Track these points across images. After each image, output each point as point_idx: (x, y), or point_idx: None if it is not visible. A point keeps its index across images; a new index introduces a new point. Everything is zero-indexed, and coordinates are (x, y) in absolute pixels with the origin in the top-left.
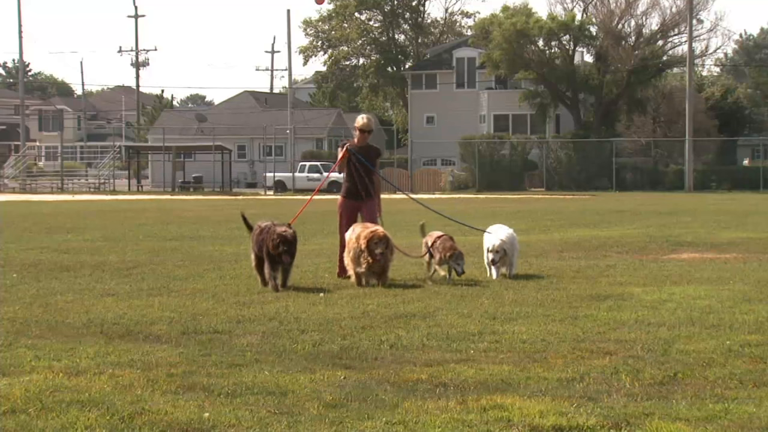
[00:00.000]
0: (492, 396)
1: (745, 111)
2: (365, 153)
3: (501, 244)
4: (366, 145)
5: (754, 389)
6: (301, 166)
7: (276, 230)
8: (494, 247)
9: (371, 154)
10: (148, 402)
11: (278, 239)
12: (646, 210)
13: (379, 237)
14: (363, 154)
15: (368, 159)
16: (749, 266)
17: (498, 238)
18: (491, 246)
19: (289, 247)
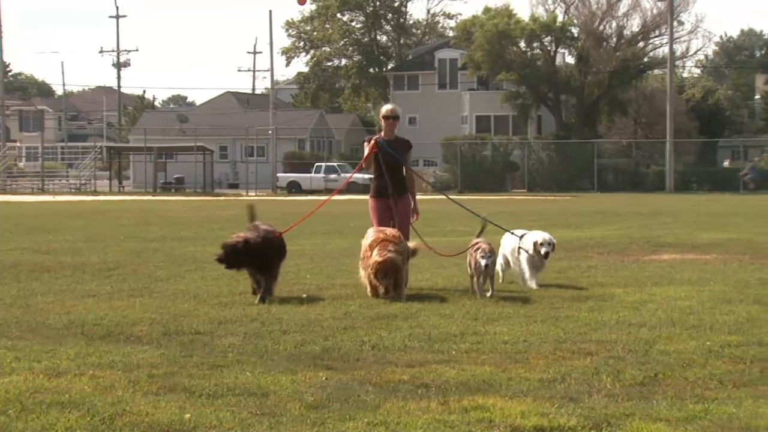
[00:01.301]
0: (473, 397)
1: (725, 112)
2: (394, 146)
3: (551, 238)
4: (395, 138)
5: (734, 390)
6: (317, 166)
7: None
8: (546, 239)
9: (401, 147)
10: (129, 403)
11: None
12: (627, 211)
13: (386, 268)
14: (392, 147)
15: (398, 152)
16: (729, 267)
17: (544, 233)
18: (542, 239)
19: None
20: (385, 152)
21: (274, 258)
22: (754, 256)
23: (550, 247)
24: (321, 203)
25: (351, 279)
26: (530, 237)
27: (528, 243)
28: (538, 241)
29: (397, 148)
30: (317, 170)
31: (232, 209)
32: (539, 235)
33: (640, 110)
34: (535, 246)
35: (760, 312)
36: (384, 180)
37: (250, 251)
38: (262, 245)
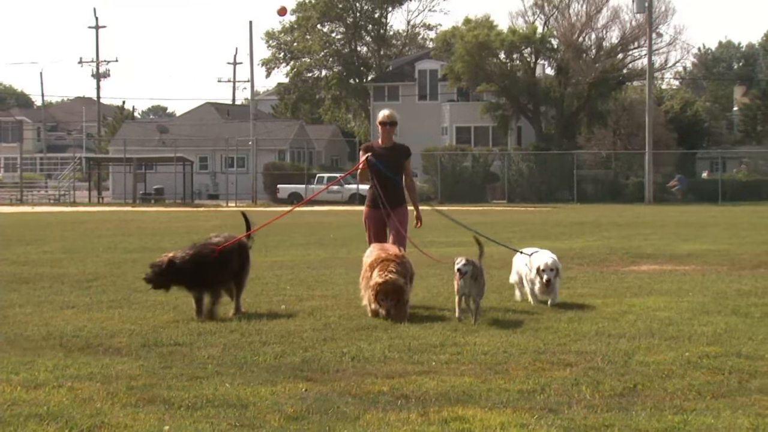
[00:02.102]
0: (453, 408)
1: (703, 124)
2: (392, 154)
3: (555, 261)
4: (392, 145)
5: (713, 400)
6: (319, 177)
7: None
8: (547, 264)
9: (399, 155)
10: (108, 415)
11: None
12: (607, 222)
13: (387, 290)
14: (389, 156)
15: (395, 160)
16: (708, 278)
17: (549, 256)
18: (543, 264)
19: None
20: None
21: (206, 276)
22: (732, 267)
23: (552, 273)
24: (282, 213)
25: (331, 290)
26: (536, 258)
27: (533, 264)
28: (540, 266)
29: (394, 156)
30: (319, 181)
31: (212, 220)
32: (542, 259)
33: (619, 121)
34: (537, 272)
35: (738, 323)
36: (378, 190)
37: (174, 271)
38: (190, 264)
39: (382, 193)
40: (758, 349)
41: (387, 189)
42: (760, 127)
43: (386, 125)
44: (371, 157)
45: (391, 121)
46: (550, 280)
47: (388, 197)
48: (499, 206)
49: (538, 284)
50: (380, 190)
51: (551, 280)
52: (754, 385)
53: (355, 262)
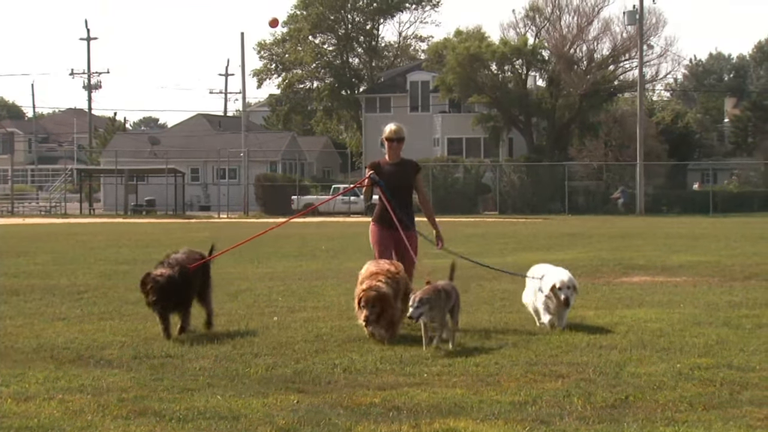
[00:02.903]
0: (445, 419)
1: (694, 135)
2: (400, 170)
3: (571, 279)
4: (400, 161)
5: (704, 412)
6: (335, 188)
7: (151, 273)
8: (564, 282)
9: (408, 171)
10: (99, 427)
11: (148, 285)
12: (598, 233)
13: (371, 298)
14: (397, 173)
15: (404, 177)
16: (699, 290)
17: (566, 273)
18: (560, 282)
19: (158, 296)
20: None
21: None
22: (723, 278)
23: (569, 291)
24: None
25: (323, 301)
26: (550, 277)
27: (546, 284)
28: (556, 284)
29: (403, 173)
30: (335, 192)
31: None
32: (557, 276)
33: (610, 133)
34: (553, 290)
35: (730, 334)
36: (385, 210)
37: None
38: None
39: (387, 211)
40: (749, 360)
41: (398, 206)
42: (751, 139)
43: (393, 141)
44: (374, 176)
45: (399, 137)
46: (569, 298)
47: (399, 215)
48: (490, 218)
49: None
50: (386, 208)
51: (569, 299)
52: (746, 396)
53: (346, 274)
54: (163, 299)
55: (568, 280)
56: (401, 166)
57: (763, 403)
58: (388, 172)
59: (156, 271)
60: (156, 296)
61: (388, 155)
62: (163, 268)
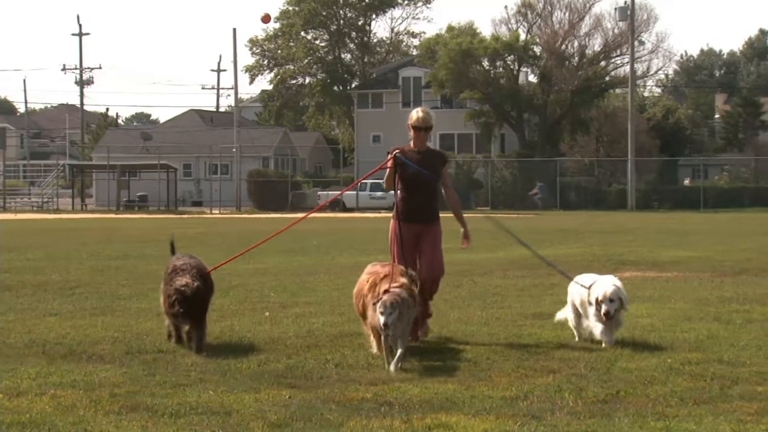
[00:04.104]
0: (437, 414)
1: (685, 131)
2: (426, 159)
3: (616, 290)
4: (426, 150)
5: (695, 407)
6: (362, 184)
7: (175, 283)
8: (607, 294)
9: (435, 162)
10: (91, 423)
11: (174, 297)
12: (590, 229)
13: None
14: (423, 161)
15: (429, 167)
16: (690, 285)
17: (611, 283)
18: (603, 294)
19: (188, 308)
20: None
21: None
22: (713, 273)
23: (613, 305)
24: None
25: (314, 297)
26: (597, 288)
27: (593, 297)
28: (599, 297)
29: (429, 162)
30: (362, 187)
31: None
32: (602, 287)
33: (601, 129)
34: (596, 303)
35: (720, 329)
36: (411, 201)
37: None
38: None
39: (412, 203)
40: (740, 355)
41: (419, 198)
42: (742, 135)
43: (420, 130)
44: (399, 154)
45: (426, 126)
46: (609, 312)
47: (421, 208)
48: (482, 213)
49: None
50: (416, 197)
51: (610, 313)
52: (736, 391)
53: (338, 269)
54: (190, 310)
55: (611, 292)
56: (427, 155)
57: (753, 397)
58: (415, 161)
59: (179, 280)
60: (183, 308)
61: (414, 143)
62: (185, 277)
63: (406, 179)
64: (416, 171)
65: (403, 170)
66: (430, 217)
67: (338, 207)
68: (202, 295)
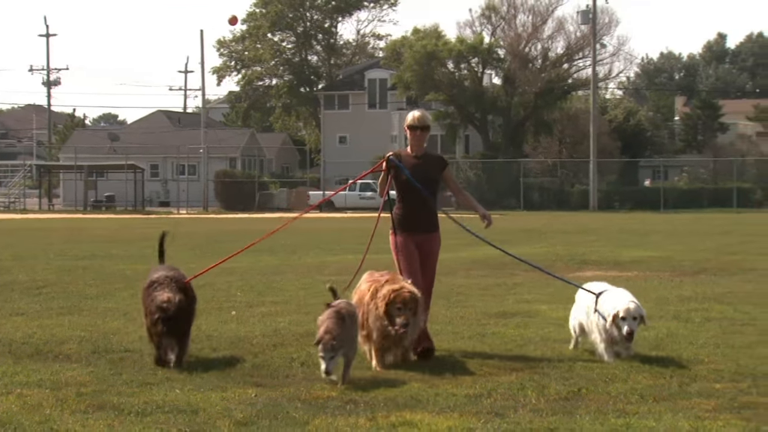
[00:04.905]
0: (401, 412)
1: (646, 133)
2: (424, 164)
3: (638, 307)
4: (424, 154)
5: (654, 404)
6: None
7: (157, 299)
8: (629, 311)
9: (434, 166)
10: (57, 422)
11: (156, 314)
12: (553, 229)
13: (404, 299)
14: (421, 166)
15: (429, 172)
16: (650, 284)
17: (629, 300)
18: (624, 311)
19: (170, 326)
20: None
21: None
22: (673, 273)
23: (635, 323)
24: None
25: (281, 296)
26: (610, 300)
27: (606, 308)
28: (619, 313)
29: (427, 167)
30: (351, 188)
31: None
32: (621, 302)
33: (564, 130)
34: (614, 320)
35: (679, 328)
36: (411, 209)
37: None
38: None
39: (409, 210)
40: (698, 353)
41: (416, 205)
42: (701, 137)
43: (417, 130)
44: (394, 158)
45: (423, 125)
46: (633, 332)
47: (418, 216)
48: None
49: (601, 332)
50: (407, 207)
51: (634, 333)
52: (695, 388)
53: (305, 269)
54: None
55: (635, 308)
56: (426, 159)
57: (711, 394)
58: (411, 165)
59: (161, 295)
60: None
61: (411, 146)
62: (167, 291)
63: (400, 184)
64: (409, 178)
65: (397, 175)
66: (428, 225)
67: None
68: (186, 310)
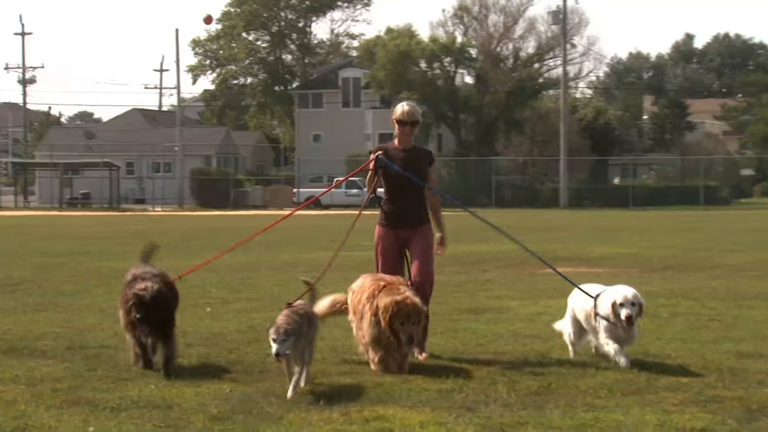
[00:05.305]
0: (374, 407)
1: (615, 132)
2: (411, 158)
3: (636, 294)
4: (412, 147)
5: (623, 398)
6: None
7: (134, 287)
8: (626, 298)
9: (421, 160)
10: (32, 417)
11: (132, 301)
12: (524, 226)
13: (408, 312)
14: (408, 160)
15: (416, 166)
16: (619, 280)
17: (630, 289)
18: (622, 298)
19: (145, 314)
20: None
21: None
22: (641, 269)
23: (634, 309)
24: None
25: (255, 293)
26: (608, 296)
27: (605, 305)
28: (617, 300)
29: (414, 161)
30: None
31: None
32: (618, 292)
33: (535, 129)
34: (613, 308)
35: (647, 323)
36: (397, 204)
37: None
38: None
39: (397, 206)
40: (665, 348)
41: (404, 201)
42: (668, 135)
43: (405, 125)
44: (382, 156)
45: (412, 120)
46: (632, 316)
47: (407, 212)
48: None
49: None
50: (395, 202)
51: (632, 317)
52: (662, 383)
53: (279, 266)
54: (150, 317)
55: (632, 295)
56: (413, 153)
57: (678, 388)
58: (398, 159)
59: (139, 285)
60: (142, 313)
61: (399, 140)
62: (146, 282)
63: (389, 181)
64: (400, 172)
65: (386, 172)
66: (417, 221)
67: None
68: (165, 300)
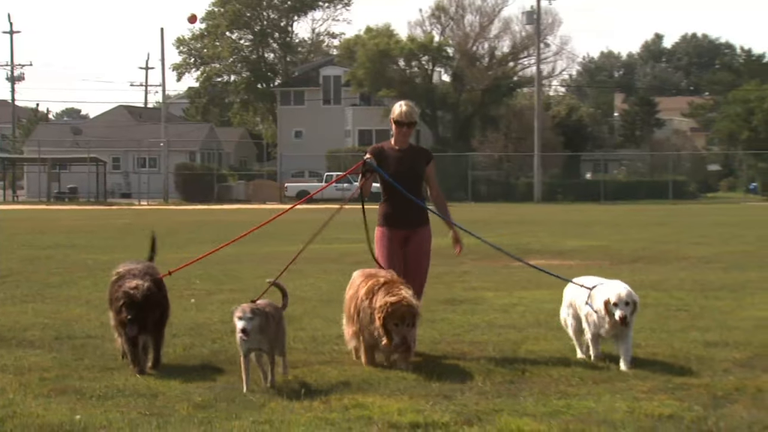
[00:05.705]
0: (354, 395)
1: (587, 128)
2: (408, 157)
3: (630, 293)
4: (408, 147)
5: (594, 386)
6: (328, 176)
7: (124, 285)
8: (621, 296)
9: (418, 159)
10: (20, 405)
11: (122, 300)
12: (499, 220)
13: (403, 312)
14: (404, 159)
15: (413, 165)
16: (591, 272)
17: (623, 287)
18: (616, 296)
19: (137, 314)
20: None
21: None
22: (612, 261)
23: (628, 308)
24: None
25: (239, 284)
26: (602, 291)
27: (598, 300)
28: (611, 299)
29: (411, 161)
30: (328, 179)
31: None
32: (612, 290)
33: (510, 126)
34: (606, 306)
35: None
36: (396, 203)
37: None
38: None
39: (394, 206)
40: (635, 337)
41: (402, 201)
42: (639, 132)
43: (403, 126)
44: (371, 160)
45: (410, 121)
46: (626, 317)
47: (405, 212)
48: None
49: (606, 325)
50: (393, 203)
51: (627, 317)
52: (631, 371)
53: (262, 258)
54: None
55: (626, 294)
56: (410, 152)
57: (647, 377)
58: (394, 159)
59: (129, 283)
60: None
61: (395, 140)
62: (136, 279)
63: (385, 181)
64: (392, 175)
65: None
66: (417, 221)
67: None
68: (156, 299)
